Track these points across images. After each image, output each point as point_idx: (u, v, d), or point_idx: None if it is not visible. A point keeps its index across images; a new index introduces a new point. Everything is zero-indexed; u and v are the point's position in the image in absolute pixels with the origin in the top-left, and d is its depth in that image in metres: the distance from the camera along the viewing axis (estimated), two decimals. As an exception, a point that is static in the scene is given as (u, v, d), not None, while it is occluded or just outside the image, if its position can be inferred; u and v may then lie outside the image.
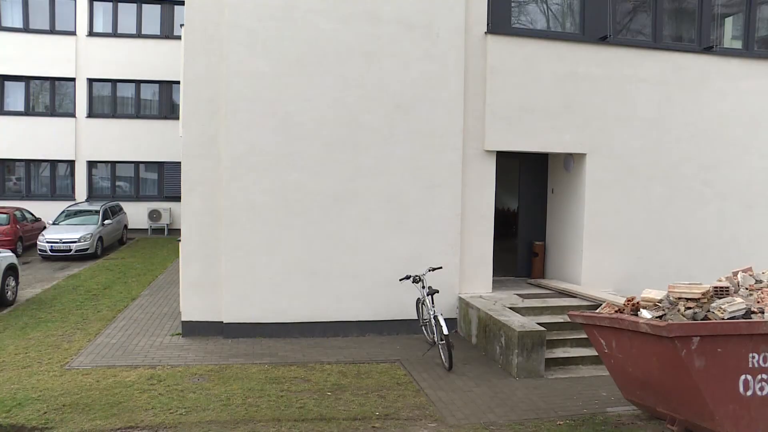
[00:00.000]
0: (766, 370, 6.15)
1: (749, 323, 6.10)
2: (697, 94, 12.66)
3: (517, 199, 13.51)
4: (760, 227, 13.16)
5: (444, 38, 11.17)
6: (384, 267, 10.96)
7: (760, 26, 13.73)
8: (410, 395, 8.15)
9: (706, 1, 12.82)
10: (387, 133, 11.02)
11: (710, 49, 12.80)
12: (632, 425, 7.21)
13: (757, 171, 13.11)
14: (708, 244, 12.74)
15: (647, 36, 12.71)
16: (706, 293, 6.59)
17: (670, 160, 12.50)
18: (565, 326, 10.05)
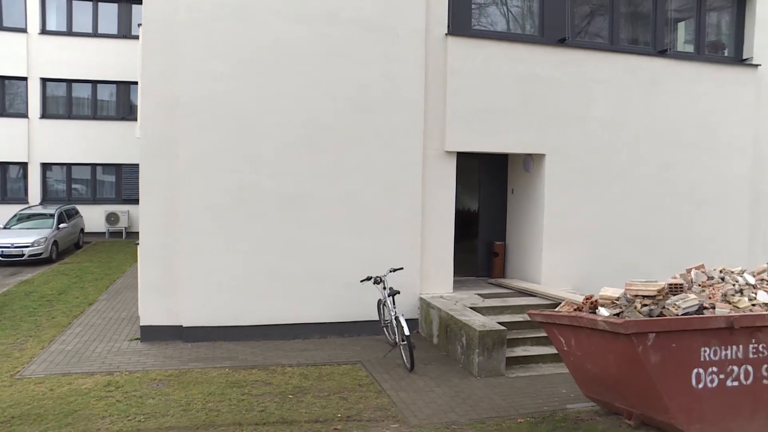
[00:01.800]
0: (717, 363, 6.31)
1: (702, 318, 6.25)
2: (652, 95, 12.91)
3: (478, 199, 13.60)
4: (712, 225, 13.48)
5: (404, 39, 11.20)
6: (345, 268, 10.93)
7: (709, 31, 14.10)
8: (372, 396, 8.14)
9: (660, 6, 13.11)
10: (347, 134, 11.00)
11: (664, 53, 13.08)
12: (591, 421, 7.30)
13: (708, 170, 13.43)
14: (663, 242, 13.00)
15: (604, 39, 12.92)
16: (661, 290, 6.73)
17: (627, 160, 12.72)
18: (526, 325, 10.15)
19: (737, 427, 6.43)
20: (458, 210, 12.30)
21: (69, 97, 25.27)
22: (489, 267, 13.22)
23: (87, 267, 18.06)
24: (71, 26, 25.01)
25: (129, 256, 19.57)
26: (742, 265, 9.56)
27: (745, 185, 13.83)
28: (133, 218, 24.50)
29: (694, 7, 13.60)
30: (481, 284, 12.58)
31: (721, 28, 14.30)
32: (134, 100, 24.76)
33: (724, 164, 13.57)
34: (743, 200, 13.84)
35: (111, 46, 25.01)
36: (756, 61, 13.81)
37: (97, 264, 18.61)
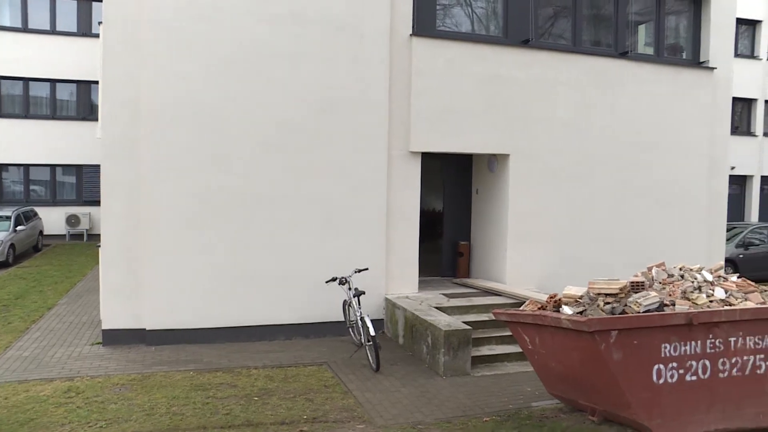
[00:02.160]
0: (676, 358, 6.44)
1: (662, 315, 6.36)
2: (614, 97, 13.12)
3: (443, 199, 13.67)
4: (672, 224, 13.74)
5: (370, 40, 11.20)
6: (310, 269, 10.89)
7: (668, 35, 14.38)
8: (338, 397, 8.12)
9: (621, 9, 13.32)
10: (314, 134, 10.96)
11: (625, 54, 13.30)
12: (556, 418, 7.38)
13: (668, 171, 13.68)
14: (626, 241, 13.20)
15: (567, 40, 13.09)
16: (623, 288, 6.83)
17: (588, 160, 12.90)
18: (491, 324, 10.23)
19: (695, 420, 6.56)
20: (423, 210, 12.35)
21: (26, 96, 24.67)
22: (454, 267, 13.29)
23: (46, 270, 17.70)
24: (27, 22, 24.36)
25: (90, 258, 19.24)
26: (701, 263, 9.76)
27: (703, 185, 14.12)
28: (95, 220, 24.07)
29: (653, 11, 13.86)
30: (446, 284, 12.64)
31: (680, 31, 14.59)
32: (95, 100, 24.28)
33: (683, 165, 13.84)
34: (702, 200, 14.13)
35: (70, 44, 24.50)
36: (712, 64, 14.12)
37: (57, 267, 18.25)
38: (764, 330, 6.75)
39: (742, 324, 6.64)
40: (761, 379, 6.78)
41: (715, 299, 6.96)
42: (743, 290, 7.30)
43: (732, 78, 14.70)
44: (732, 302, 6.96)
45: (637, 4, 13.75)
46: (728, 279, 7.66)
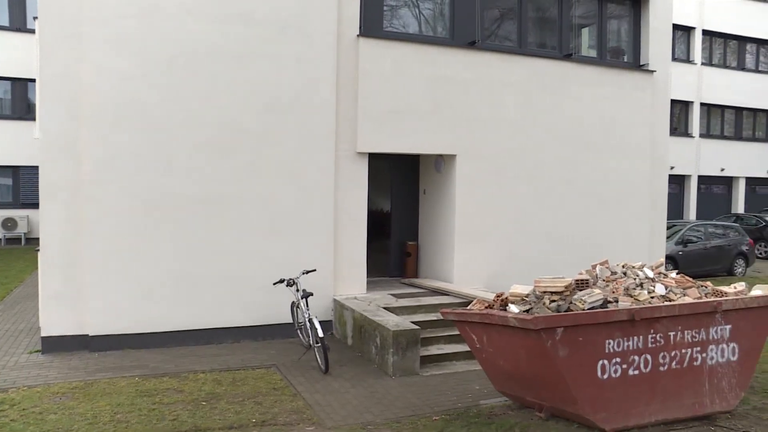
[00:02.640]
0: (620, 354, 6.59)
1: (606, 312, 6.50)
2: (559, 97, 13.36)
3: (390, 199, 13.70)
4: (614, 222, 14.07)
5: (317, 40, 11.15)
6: (258, 271, 10.77)
7: (610, 38, 14.74)
8: (287, 400, 8.04)
9: (565, 12, 13.58)
10: (261, 135, 10.85)
11: (569, 56, 13.56)
12: (504, 415, 7.45)
13: (611, 171, 14.01)
14: (570, 239, 13.46)
15: (513, 42, 13.28)
16: (568, 286, 6.96)
17: (535, 160, 13.10)
18: (439, 324, 10.28)
19: (637, 412, 6.74)
20: (371, 211, 12.36)
21: (-43, 94, 23.76)
22: (402, 267, 13.33)
23: (-19, 276, 17.08)
24: (-47, 16, 23.44)
25: (29, 263, 18.64)
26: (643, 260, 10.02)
27: (645, 184, 14.50)
28: (33, 223, 23.32)
29: (596, 15, 14.18)
30: (395, 284, 12.67)
31: (621, 35, 14.96)
32: (32, 99, 23.51)
33: (625, 165, 14.18)
34: (644, 199, 14.51)
35: (3, 40, 23.59)
36: (651, 68, 14.51)
37: (-7, 272, 17.64)
38: (701, 324, 6.97)
39: (680, 319, 6.85)
40: (697, 371, 7.00)
41: (656, 295, 7.15)
42: (682, 286, 7.52)
43: (670, 81, 15.16)
44: (672, 298, 7.17)
45: (581, 7, 14.05)
46: (668, 275, 7.88)
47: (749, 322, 7.24)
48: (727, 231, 20.91)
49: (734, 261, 20.15)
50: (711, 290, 7.54)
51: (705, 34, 31.53)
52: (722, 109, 32.83)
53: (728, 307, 7.07)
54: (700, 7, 30.91)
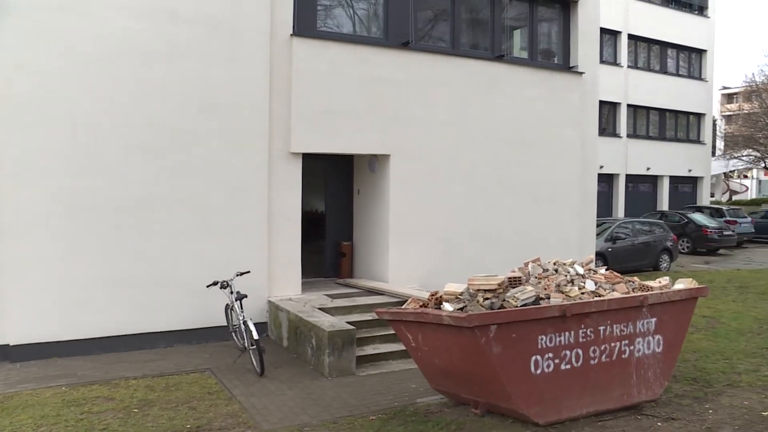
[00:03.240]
0: (552, 349, 6.72)
1: (538, 309, 6.62)
2: (491, 98, 13.55)
3: (324, 200, 13.65)
4: (548, 221, 14.36)
5: (249, 39, 11.00)
6: (191, 273, 10.56)
7: (541, 40, 15.05)
8: (222, 404, 7.90)
9: (497, 14, 13.79)
10: (192, 135, 10.63)
11: (502, 58, 13.78)
12: (440, 413, 7.50)
13: (542, 170, 14.30)
14: (504, 238, 13.67)
15: (446, 43, 13.41)
16: (501, 284, 7.05)
17: (467, 160, 13.25)
18: (374, 323, 10.29)
19: (569, 405, 6.89)
20: (305, 211, 12.27)
21: None
22: (337, 267, 13.30)
23: None
24: None
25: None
26: (573, 257, 10.26)
27: (576, 183, 14.86)
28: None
29: (527, 17, 14.45)
30: (330, 285, 12.62)
31: (552, 37, 15.29)
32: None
33: (556, 164, 14.50)
34: (574, 197, 14.86)
35: None
36: (581, 69, 14.88)
37: None
38: (628, 318, 7.18)
39: (609, 313, 7.04)
40: (626, 363, 7.21)
41: (587, 291, 7.33)
42: (611, 282, 7.73)
43: (598, 82, 15.59)
44: (601, 293, 7.36)
45: (512, 10, 14.29)
46: (598, 271, 8.09)
47: (672, 314, 7.51)
48: (653, 228, 21.65)
49: (660, 256, 20.87)
50: (638, 285, 7.78)
51: (630, 38, 32.59)
52: (647, 111, 34.01)
53: (653, 301, 7.31)
54: (625, 12, 31.93)
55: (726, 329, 11.34)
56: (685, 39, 34.48)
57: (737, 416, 7.01)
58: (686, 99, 34.82)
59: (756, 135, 40.09)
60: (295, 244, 11.60)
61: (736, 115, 55.49)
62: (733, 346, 10.19)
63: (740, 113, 52.20)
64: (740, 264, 22.56)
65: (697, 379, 8.46)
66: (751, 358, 9.44)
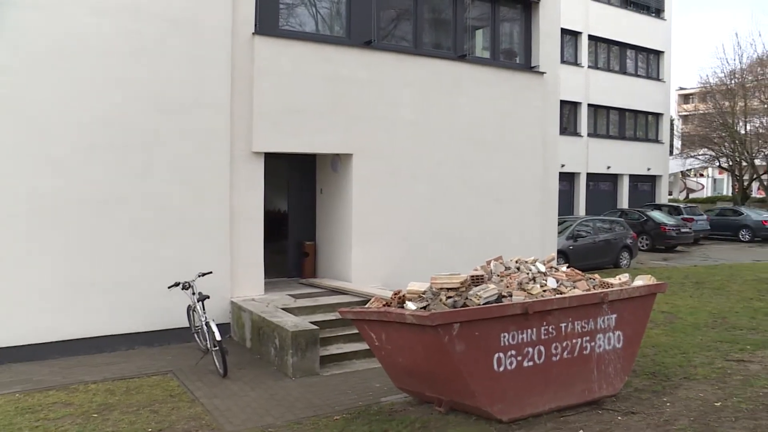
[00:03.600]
0: (515, 346, 6.76)
1: (500, 306, 6.67)
2: (454, 98, 13.62)
3: (287, 200, 13.59)
4: (510, 219, 14.49)
5: (211, 38, 10.90)
6: (152, 275, 10.41)
7: (503, 40, 15.18)
8: (185, 406, 7.81)
9: (459, 14, 13.86)
10: (153, 134, 10.48)
11: (464, 57, 13.86)
12: (404, 411, 7.51)
13: (505, 169, 14.42)
14: (466, 236, 13.75)
15: (409, 42, 13.44)
16: (464, 282, 7.08)
17: (430, 159, 13.30)
18: (338, 323, 10.27)
19: (532, 401, 6.95)
20: (268, 211, 12.20)
21: None
22: (300, 267, 13.25)
23: None
24: None
25: None
26: (535, 255, 10.35)
27: (538, 182, 15.02)
28: None
29: (489, 17, 14.56)
30: (293, 285, 12.57)
31: (513, 37, 15.44)
32: None
33: (519, 163, 14.64)
34: (536, 196, 15.02)
35: None
36: (542, 69, 15.05)
37: None
38: (589, 314, 7.27)
39: (571, 310, 7.11)
40: (587, 359, 7.30)
41: (548, 288, 7.40)
42: (572, 279, 7.82)
43: (559, 82, 15.79)
44: (563, 290, 7.44)
45: (475, 10, 14.39)
46: (559, 269, 8.18)
47: (632, 310, 7.63)
48: (613, 225, 22.00)
49: (620, 254, 21.21)
50: (598, 282, 7.88)
51: (591, 39, 33.06)
52: (607, 110, 34.54)
53: (614, 298, 7.41)
54: (586, 13, 32.37)
55: (683, 324, 11.57)
56: (643, 40, 35.11)
57: (693, 408, 7.15)
58: (645, 99, 35.47)
59: (711, 135, 40.96)
60: (258, 244, 11.51)
61: (692, 115, 56.65)
62: (690, 340, 10.40)
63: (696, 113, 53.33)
64: (697, 260, 23.04)
65: (655, 373, 8.61)
66: (706, 352, 9.65)
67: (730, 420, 6.70)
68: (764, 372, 8.50)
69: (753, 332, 10.92)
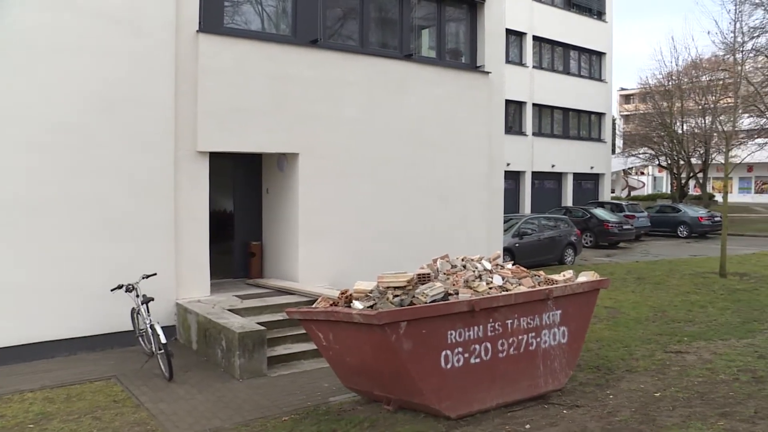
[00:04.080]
0: (462, 344, 6.83)
1: (447, 304, 6.72)
2: (400, 97, 13.67)
3: (233, 199, 13.43)
4: (454, 218, 14.61)
5: (153, 35, 10.67)
6: (94, 277, 10.14)
7: (449, 40, 15.30)
8: (129, 412, 7.63)
9: (405, 14, 13.91)
10: (94, 133, 10.21)
11: (410, 57, 13.91)
12: (353, 411, 7.51)
13: (451, 168, 14.54)
14: (414, 235, 13.80)
15: (355, 41, 13.42)
16: (410, 281, 7.12)
17: (377, 158, 13.32)
18: (286, 323, 10.20)
19: (479, 398, 7.03)
20: (213, 211, 12.05)
21: None
22: (247, 267, 13.12)
23: None
24: None
25: None
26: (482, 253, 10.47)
27: (483, 180, 15.19)
28: None
29: (435, 17, 14.65)
30: (240, 285, 12.44)
31: (459, 37, 15.57)
32: None
33: (464, 162, 14.77)
34: (482, 194, 15.18)
35: None
36: (487, 69, 15.22)
37: None
38: (535, 311, 7.39)
39: (517, 307, 7.22)
40: (533, 355, 7.43)
41: (494, 286, 7.49)
42: (517, 276, 7.94)
43: (504, 82, 15.99)
44: (508, 288, 7.54)
45: (421, 9, 14.46)
46: (505, 266, 8.30)
47: (576, 306, 7.78)
48: (558, 223, 22.39)
49: (565, 251, 21.61)
50: (543, 279, 8.02)
51: (535, 39, 33.57)
52: (552, 110, 35.14)
53: (558, 294, 7.55)
54: (530, 14, 32.86)
55: (625, 318, 11.86)
56: (585, 42, 35.84)
57: (634, 399, 7.35)
58: (588, 99, 36.22)
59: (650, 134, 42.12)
60: (203, 244, 11.34)
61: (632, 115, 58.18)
62: (632, 333, 10.68)
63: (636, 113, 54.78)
64: (638, 256, 23.64)
65: (599, 366, 8.81)
66: (647, 345, 9.92)
67: (668, 409, 6.91)
68: (699, 362, 8.81)
69: (690, 324, 11.28)
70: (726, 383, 7.80)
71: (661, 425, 6.39)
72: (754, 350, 9.26)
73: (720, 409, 6.82)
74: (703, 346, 9.68)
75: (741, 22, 21.90)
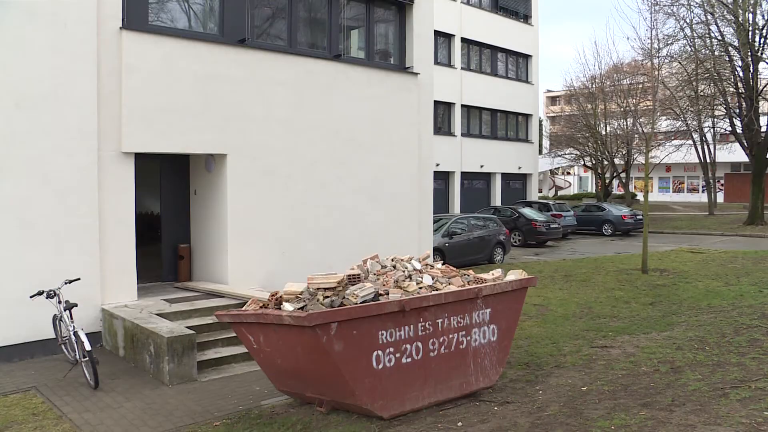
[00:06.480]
0: (393, 344, 6.87)
1: (378, 305, 6.75)
2: (328, 97, 13.64)
3: (160, 201, 13.12)
4: (387, 218, 14.69)
5: (73, 30, 10.31)
6: (11, 283, 9.72)
7: (378, 41, 15.36)
8: (50, 425, 7.34)
9: (334, 14, 13.90)
10: (8, 133, 9.79)
11: (339, 57, 13.90)
12: (286, 414, 7.46)
13: (381, 168, 14.61)
14: (344, 236, 13.81)
15: (284, 41, 13.33)
16: (341, 282, 7.11)
17: (306, 158, 13.26)
18: (216, 327, 10.03)
19: (413, 396, 7.09)
20: (140, 213, 11.74)
21: None
22: (175, 271, 12.86)
23: None
24: None
25: None
26: (412, 253, 10.58)
27: (413, 181, 15.31)
28: None
29: (364, 18, 14.69)
30: (168, 289, 12.18)
31: (388, 38, 15.65)
32: None
33: (394, 162, 14.86)
34: (412, 194, 15.31)
35: None
36: (416, 70, 15.35)
37: None
38: (465, 309, 7.49)
39: (447, 306, 7.30)
40: (464, 353, 7.53)
41: (424, 286, 7.56)
42: (447, 276, 8.03)
43: (433, 83, 16.15)
44: (438, 287, 7.62)
45: (350, 10, 14.47)
46: (435, 266, 8.38)
47: (505, 304, 7.93)
48: (487, 222, 22.75)
49: (494, 250, 21.98)
50: (473, 278, 8.13)
51: (464, 41, 34.10)
52: (480, 111, 35.76)
53: (488, 293, 7.67)
54: (459, 16, 33.35)
55: (554, 315, 12.16)
56: (513, 44, 36.64)
57: (563, 394, 7.54)
58: (515, 100, 37.03)
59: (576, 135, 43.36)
60: (129, 248, 11.04)
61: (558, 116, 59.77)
62: (560, 330, 10.95)
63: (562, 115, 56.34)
64: (566, 254, 24.27)
65: (529, 363, 9.00)
66: (574, 340, 10.20)
67: (594, 402, 7.12)
68: (623, 356, 9.10)
69: (614, 320, 11.65)
70: (647, 375, 8.09)
71: (588, 418, 6.57)
72: (672, 342, 9.64)
73: (642, 399, 7.07)
74: (627, 340, 10.01)
75: (656, 30, 22.81)
